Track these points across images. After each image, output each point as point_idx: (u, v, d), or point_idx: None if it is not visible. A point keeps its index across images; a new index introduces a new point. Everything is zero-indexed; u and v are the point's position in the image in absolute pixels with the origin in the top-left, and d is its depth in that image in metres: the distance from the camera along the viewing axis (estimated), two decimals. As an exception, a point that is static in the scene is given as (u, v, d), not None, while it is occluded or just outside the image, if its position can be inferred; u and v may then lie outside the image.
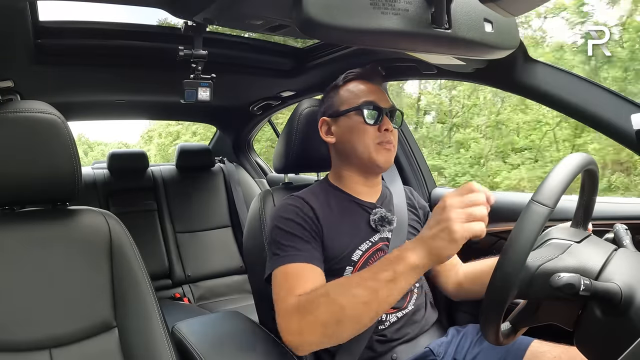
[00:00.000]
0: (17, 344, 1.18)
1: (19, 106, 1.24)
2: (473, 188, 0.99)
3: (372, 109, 1.40)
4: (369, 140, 1.39)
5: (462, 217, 0.96)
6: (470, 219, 0.97)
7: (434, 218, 1.01)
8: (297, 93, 2.69)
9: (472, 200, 0.97)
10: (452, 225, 0.96)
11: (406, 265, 1.02)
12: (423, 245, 1.01)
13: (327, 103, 1.51)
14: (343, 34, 0.86)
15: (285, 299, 1.20)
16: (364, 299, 1.05)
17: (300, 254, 1.28)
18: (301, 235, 1.31)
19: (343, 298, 1.07)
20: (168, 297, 3.05)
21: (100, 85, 2.46)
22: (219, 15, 1.35)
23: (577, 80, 1.40)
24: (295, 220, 1.33)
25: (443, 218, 0.98)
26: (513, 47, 1.16)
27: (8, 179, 1.22)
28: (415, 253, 1.01)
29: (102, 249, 1.32)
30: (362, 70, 1.50)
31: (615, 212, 1.52)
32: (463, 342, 1.44)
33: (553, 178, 0.89)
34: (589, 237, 0.99)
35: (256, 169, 3.73)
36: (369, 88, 1.45)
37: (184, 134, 22.12)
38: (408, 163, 2.27)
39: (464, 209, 0.97)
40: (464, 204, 0.97)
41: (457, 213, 0.97)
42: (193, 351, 1.36)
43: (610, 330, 0.85)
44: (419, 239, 1.03)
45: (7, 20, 1.43)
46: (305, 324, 1.12)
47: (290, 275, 1.25)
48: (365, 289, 1.05)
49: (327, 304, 1.09)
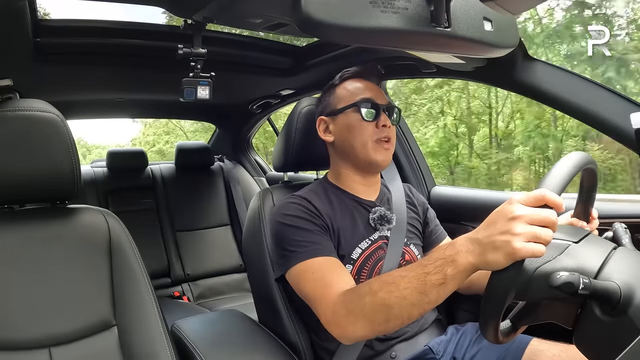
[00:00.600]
0: (17, 342, 1.18)
1: (18, 105, 1.24)
2: (548, 199, 0.85)
3: (369, 106, 1.40)
4: (367, 137, 1.39)
5: (527, 235, 0.84)
6: (535, 239, 0.84)
7: (497, 223, 0.89)
8: (296, 91, 2.69)
9: (543, 219, 0.85)
10: (515, 242, 0.84)
11: (457, 268, 0.94)
12: (478, 249, 0.91)
13: (324, 102, 1.51)
14: (342, 32, 0.86)
15: (326, 294, 1.18)
16: (412, 300, 1.00)
17: (319, 249, 1.28)
18: (312, 229, 1.31)
19: (391, 297, 1.03)
20: (167, 296, 3.05)
21: (100, 83, 2.45)
22: (218, 14, 1.35)
23: (577, 79, 1.40)
24: (302, 217, 1.33)
25: (508, 229, 0.86)
26: (512, 46, 1.16)
27: (7, 177, 1.22)
28: (468, 257, 0.92)
29: (102, 247, 1.32)
30: (359, 68, 1.50)
31: (614, 210, 1.52)
32: (462, 341, 1.44)
33: (553, 176, 0.89)
34: (588, 237, 0.99)
35: (255, 168, 3.73)
36: (365, 86, 1.46)
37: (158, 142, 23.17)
38: (407, 162, 2.27)
39: (533, 226, 0.85)
40: (533, 220, 0.85)
41: (525, 228, 0.84)
42: (192, 349, 1.36)
43: (609, 329, 0.85)
44: (475, 241, 0.92)
45: (6, 18, 1.43)
46: (353, 320, 1.10)
47: (319, 270, 1.24)
48: (414, 290, 1.00)
49: (374, 305, 1.06)
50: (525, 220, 0.85)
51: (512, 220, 0.86)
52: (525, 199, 0.87)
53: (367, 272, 1.36)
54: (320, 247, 1.28)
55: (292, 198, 1.41)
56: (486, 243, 0.89)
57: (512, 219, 0.86)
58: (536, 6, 1.10)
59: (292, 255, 1.29)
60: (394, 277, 1.05)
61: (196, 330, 1.48)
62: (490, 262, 0.88)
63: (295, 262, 1.28)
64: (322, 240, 1.30)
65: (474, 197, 2.08)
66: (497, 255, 0.87)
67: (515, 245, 0.83)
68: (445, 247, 0.98)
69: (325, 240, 1.31)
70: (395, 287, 1.03)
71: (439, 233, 1.62)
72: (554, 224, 0.85)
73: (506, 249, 0.85)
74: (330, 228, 1.35)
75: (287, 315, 1.44)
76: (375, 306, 1.05)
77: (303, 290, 1.27)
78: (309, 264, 1.26)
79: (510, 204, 0.88)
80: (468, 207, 2.01)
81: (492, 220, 0.91)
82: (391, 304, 1.03)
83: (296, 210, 1.35)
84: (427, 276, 0.98)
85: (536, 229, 0.84)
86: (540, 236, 0.84)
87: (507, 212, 0.88)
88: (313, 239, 1.29)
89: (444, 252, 0.97)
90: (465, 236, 0.95)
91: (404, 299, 1.01)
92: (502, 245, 0.86)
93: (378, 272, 1.37)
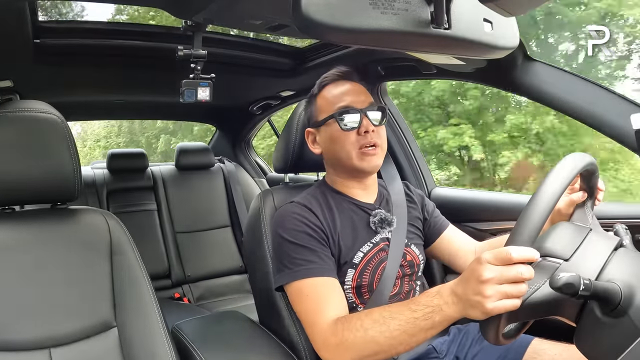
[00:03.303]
0: (17, 343, 1.18)
1: (18, 106, 1.24)
2: (514, 259, 0.88)
3: (348, 114, 1.36)
4: (350, 146, 1.36)
5: (498, 296, 0.89)
6: (506, 297, 0.89)
7: (470, 282, 0.94)
8: (296, 93, 2.69)
9: (512, 278, 0.88)
10: (487, 303, 0.89)
11: (444, 317, 1.00)
12: (460, 304, 0.97)
13: (308, 113, 1.50)
14: (342, 33, 0.86)
15: (317, 321, 1.22)
16: (401, 340, 1.06)
17: (315, 268, 1.28)
18: (311, 247, 1.30)
19: (381, 337, 1.08)
20: (168, 297, 3.04)
21: (100, 85, 2.46)
22: (218, 15, 1.35)
23: (577, 80, 1.40)
24: (301, 230, 1.32)
25: (479, 291, 0.90)
26: (513, 47, 1.16)
27: (8, 178, 1.22)
28: (453, 308, 0.98)
29: (102, 248, 1.32)
30: (337, 71, 1.46)
31: (615, 212, 1.53)
32: (464, 341, 1.45)
33: (521, 227, 0.91)
34: (584, 243, 0.97)
35: (256, 169, 3.73)
36: (343, 90, 1.41)
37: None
38: (407, 162, 2.27)
39: (502, 286, 0.89)
40: (502, 280, 0.88)
41: (494, 289, 0.89)
42: (193, 351, 1.36)
43: (609, 330, 0.85)
44: (456, 295, 0.98)
45: (7, 20, 1.43)
46: (343, 351, 1.15)
47: (312, 292, 1.26)
48: (403, 332, 1.05)
49: (365, 341, 1.11)
50: (494, 282, 0.89)
51: (482, 284, 0.90)
52: (492, 259, 0.91)
53: (368, 275, 1.36)
54: (316, 266, 1.28)
55: (292, 207, 1.39)
56: (464, 300, 0.95)
57: (482, 282, 0.90)
58: (536, 7, 1.10)
59: (288, 272, 1.29)
60: (384, 318, 1.10)
61: (197, 331, 1.48)
62: (471, 316, 0.95)
63: (291, 279, 1.28)
64: (320, 259, 1.29)
65: (474, 198, 2.08)
66: (475, 312, 0.93)
67: (488, 307, 0.89)
68: (433, 295, 1.03)
69: (323, 258, 1.30)
70: (386, 328, 1.08)
71: (440, 223, 1.61)
72: (524, 279, 0.88)
73: (481, 309, 0.91)
74: (330, 238, 1.35)
75: (288, 317, 1.43)
76: (365, 342, 1.11)
77: (296, 310, 1.31)
78: (303, 284, 1.27)
79: (480, 264, 0.93)
80: (468, 208, 2.01)
81: (466, 277, 0.96)
82: (380, 342, 1.09)
83: (296, 223, 1.33)
84: (416, 321, 1.04)
85: (506, 287, 0.89)
86: (511, 294, 0.89)
87: (477, 274, 0.92)
88: (310, 257, 1.29)
89: (432, 300, 1.02)
90: (449, 287, 1.00)
91: (394, 339, 1.07)
92: (477, 305, 0.91)
93: (380, 274, 1.37)
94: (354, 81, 1.45)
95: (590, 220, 1.11)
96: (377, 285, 1.35)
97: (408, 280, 1.44)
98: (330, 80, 1.45)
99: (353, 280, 1.35)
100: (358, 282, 1.35)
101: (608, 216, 1.46)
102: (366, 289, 1.36)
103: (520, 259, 0.88)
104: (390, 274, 1.36)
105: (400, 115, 2.29)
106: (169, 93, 1.83)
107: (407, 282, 1.43)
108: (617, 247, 0.97)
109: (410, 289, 1.45)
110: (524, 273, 0.88)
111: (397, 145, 2.25)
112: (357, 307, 1.36)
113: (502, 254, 0.89)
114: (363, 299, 1.37)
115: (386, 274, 1.36)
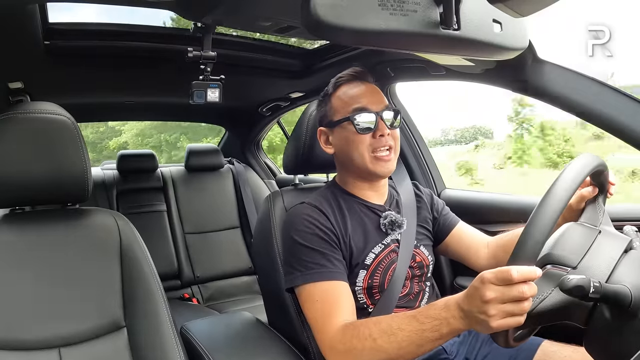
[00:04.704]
0: (27, 343, 1.19)
1: (29, 107, 1.25)
2: (515, 279, 0.88)
3: (364, 116, 1.36)
4: (364, 150, 1.36)
5: (501, 314, 0.90)
6: (509, 315, 0.90)
7: (474, 300, 0.94)
8: (306, 94, 2.69)
9: (514, 297, 0.89)
10: (490, 322, 0.90)
11: (451, 329, 1.01)
12: (466, 320, 0.98)
13: (321, 112, 1.48)
14: (351, 34, 0.86)
15: (325, 326, 1.22)
16: (408, 350, 1.07)
17: (325, 272, 1.28)
18: (322, 250, 1.30)
19: (389, 346, 1.09)
20: (177, 298, 3.06)
21: (109, 86, 2.47)
22: (228, 17, 1.36)
23: (589, 82, 1.38)
24: (313, 232, 1.32)
25: (483, 310, 0.92)
26: (522, 48, 1.15)
27: (18, 179, 1.23)
28: (460, 322, 0.99)
29: (112, 249, 1.33)
30: (352, 71, 1.45)
31: (625, 213, 1.51)
32: (474, 342, 1.45)
33: (524, 243, 0.90)
34: (592, 246, 0.97)
35: (265, 170, 3.74)
36: (359, 92, 1.41)
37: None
38: (417, 164, 2.26)
39: (505, 305, 0.90)
40: (504, 300, 0.89)
41: (497, 309, 0.90)
42: (201, 351, 1.36)
43: (619, 332, 0.85)
44: (462, 310, 0.98)
45: (17, 21, 1.45)
46: (351, 358, 1.16)
47: (322, 297, 1.26)
48: (411, 343, 1.06)
49: (373, 351, 1.11)
50: (497, 302, 0.90)
51: (485, 304, 0.91)
52: (494, 279, 0.91)
53: (380, 276, 1.37)
54: (326, 270, 1.28)
55: (303, 208, 1.39)
56: (470, 317, 0.96)
57: (485, 302, 0.91)
58: (547, 7, 1.08)
59: (298, 274, 1.30)
60: (392, 329, 1.10)
61: (205, 332, 1.49)
62: (477, 330, 0.97)
63: (301, 282, 1.29)
64: (330, 262, 1.29)
65: (484, 199, 2.07)
66: (481, 327, 0.95)
67: (492, 325, 0.91)
68: (441, 307, 1.04)
69: (333, 261, 1.30)
70: (394, 338, 1.09)
71: (450, 220, 1.60)
72: (527, 297, 0.89)
73: (486, 326, 0.92)
74: (341, 240, 1.34)
75: (297, 318, 1.44)
76: (373, 351, 1.12)
77: (305, 313, 1.30)
78: (313, 288, 1.27)
79: (482, 284, 0.93)
80: (478, 209, 2.00)
81: (470, 295, 0.96)
82: (388, 351, 1.10)
83: (307, 225, 1.33)
84: (424, 332, 1.05)
85: (508, 307, 0.90)
86: (514, 312, 0.90)
87: (480, 293, 0.92)
88: (321, 260, 1.29)
89: (440, 312, 1.03)
90: (456, 302, 1.00)
91: (401, 349, 1.08)
92: (482, 322, 0.93)
93: (391, 275, 1.37)
94: (368, 82, 1.44)
95: (600, 218, 1.09)
96: (388, 285, 1.36)
97: (417, 281, 1.44)
98: (346, 80, 1.45)
99: (364, 281, 1.35)
100: (369, 283, 1.35)
101: (618, 218, 1.45)
102: (377, 290, 1.36)
103: (521, 279, 0.88)
104: (400, 274, 1.37)
105: (409, 116, 2.29)
106: (179, 94, 1.85)
107: (416, 282, 1.43)
108: (627, 249, 0.96)
109: (420, 289, 1.44)
110: (526, 292, 0.88)
111: (407, 147, 2.25)
112: (367, 307, 1.36)
113: (503, 274, 0.89)
114: (374, 299, 1.37)
115: (396, 275, 1.36)
